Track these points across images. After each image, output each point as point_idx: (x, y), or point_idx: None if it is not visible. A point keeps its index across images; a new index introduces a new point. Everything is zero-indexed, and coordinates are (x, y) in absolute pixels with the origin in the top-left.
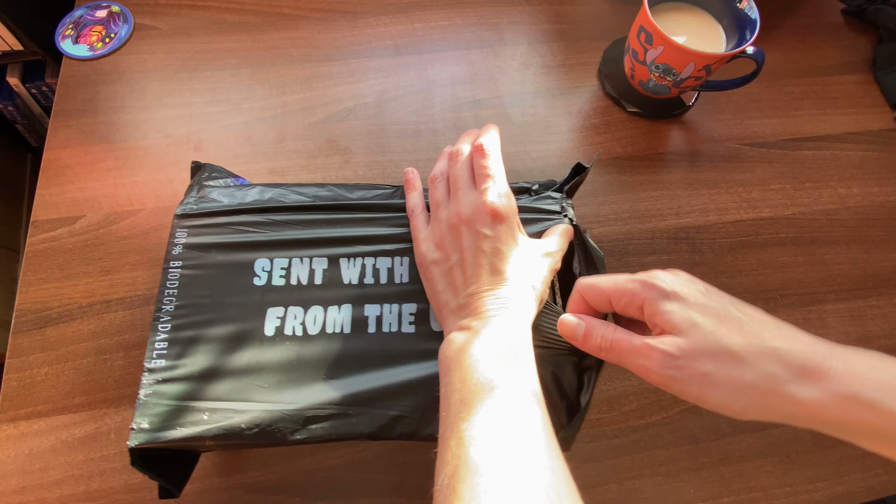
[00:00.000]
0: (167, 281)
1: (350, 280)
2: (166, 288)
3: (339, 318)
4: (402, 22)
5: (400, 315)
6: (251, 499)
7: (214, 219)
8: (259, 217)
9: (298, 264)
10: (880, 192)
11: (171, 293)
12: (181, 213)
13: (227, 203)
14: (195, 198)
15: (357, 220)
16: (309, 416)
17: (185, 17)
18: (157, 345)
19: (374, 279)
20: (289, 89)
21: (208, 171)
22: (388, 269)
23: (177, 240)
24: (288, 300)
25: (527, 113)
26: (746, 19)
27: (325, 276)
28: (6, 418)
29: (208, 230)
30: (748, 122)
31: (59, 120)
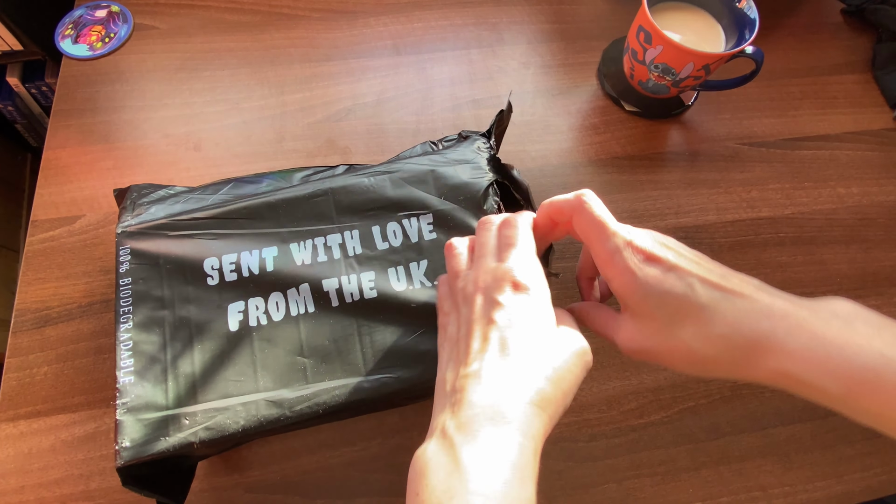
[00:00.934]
0: (121, 300)
1: (303, 261)
2: (121, 306)
3: (299, 299)
4: (402, 22)
5: (360, 284)
6: (251, 498)
7: (156, 231)
8: (200, 220)
9: (248, 256)
10: (879, 191)
11: (127, 310)
12: (122, 232)
13: (164, 214)
14: (130, 216)
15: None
16: (292, 398)
17: (185, 17)
18: (124, 363)
19: (328, 256)
20: (288, 89)
21: (136, 191)
22: (340, 244)
23: (122, 258)
24: (245, 293)
25: (526, 112)
26: (746, 19)
27: (276, 263)
28: (6, 418)
29: (151, 243)
30: (747, 122)
31: (59, 120)
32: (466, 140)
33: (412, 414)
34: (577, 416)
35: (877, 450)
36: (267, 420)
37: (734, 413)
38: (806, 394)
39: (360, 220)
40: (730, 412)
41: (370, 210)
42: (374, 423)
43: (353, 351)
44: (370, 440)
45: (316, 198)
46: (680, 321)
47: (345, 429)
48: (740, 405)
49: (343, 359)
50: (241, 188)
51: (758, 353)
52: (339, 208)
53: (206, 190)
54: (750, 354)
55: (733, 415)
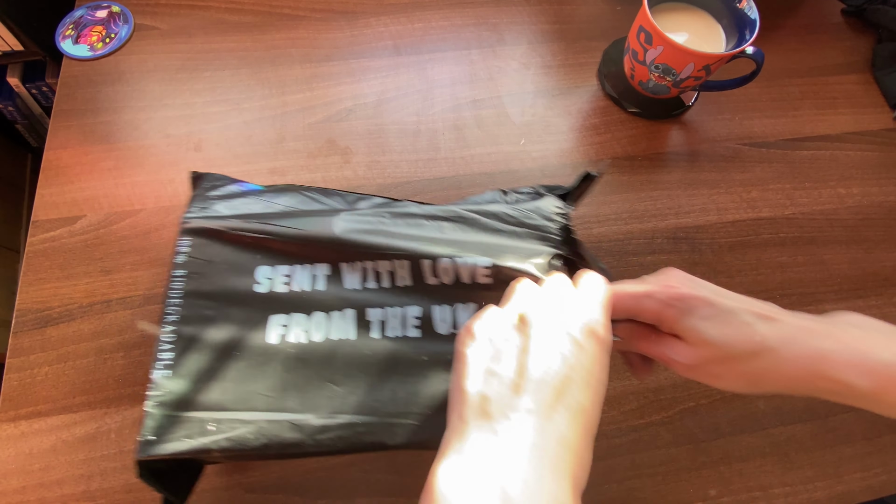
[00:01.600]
0: (171, 290)
1: (352, 285)
2: (170, 298)
3: (342, 323)
4: (402, 22)
5: (404, 319)
6: (251, 498)
7: (218, 229)
8: (262, 226)
9: (300, 272)
10: (880, 191)
11: (177, 303)
12: (185, 223)
13: (229, 213)
14: (198, 207)
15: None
16: (316, 426)
17: (185, 17)
18: (163, 355)
19: (377, 284)
20: (289, 89)
21: (209, 181)
22: (389, 272)
23: (181, 249)
24: (290, 307)
25: (527, 113)
26: (746, 19)
27: (327, 282)
28: (6, 418)
29: (211, 240)
30: (748, 122)
31: (60, 120)
32: (541, 199)
33: None
34: None
35: (877, 450)
36: (287, 443)
37: (734, 413)
38: (839, 393)
39: (413, 252)
40: (730, 412)
41: (425, 243)
42: None
43: (386, 388)
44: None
45: (376, 228)
46: (745, 353)
47: None
48: (740, 405)
49: (374, 395)
50: (309, 203)
51: (815, 365)
52: (396, 237)
53: (276, 195)
54: (810, 369)
55: (733, 415)
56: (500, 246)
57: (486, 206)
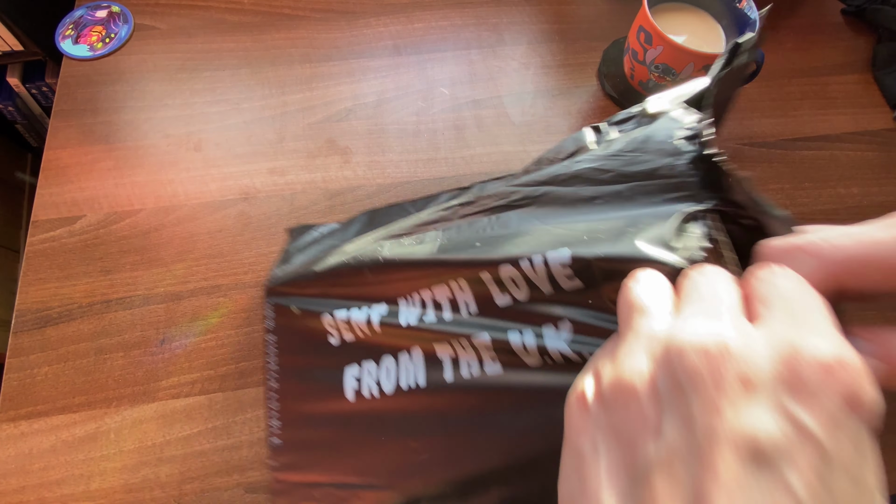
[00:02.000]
0: (268, 357)
1: (410, 320)
2: (268, 365)
3: (410, 367)
4: (402, 22)
5: (478, 354)
6: (251, 499)
7: (292, 286)
8: (314, 272)
9: (357, 313)
10: (880, 192)
11: (274, 369)
12: (267, 287)
13: (301, 262)
14: (280, 265)
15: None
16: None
17: (185, 17)
18: (272, 424)
19: (436, 316)
20: (288, 89)
21: (295, 234)
22: (449, 298)
23: (267, 313)
24: (359, 355)
25: (527, 113)
26: (746, 19)
27: (386, 320)
28: (6, 418)
29: (289, 299)
30: (748, 122)
31: (59, 120)
32: (653, 121)
33: None
34: None
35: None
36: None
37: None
38: None
39: (466, 263)
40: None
41: (484, 247)
42: None
43: (470, 453)
44: None
45: (422, 245)
46: None
47: None
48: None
49: (458, 462)
50: (373, 225)
51: None
52: (448, 247)
53: (348, 226)
54: None
55: None
56: (598, 222)
57: (564, 167)
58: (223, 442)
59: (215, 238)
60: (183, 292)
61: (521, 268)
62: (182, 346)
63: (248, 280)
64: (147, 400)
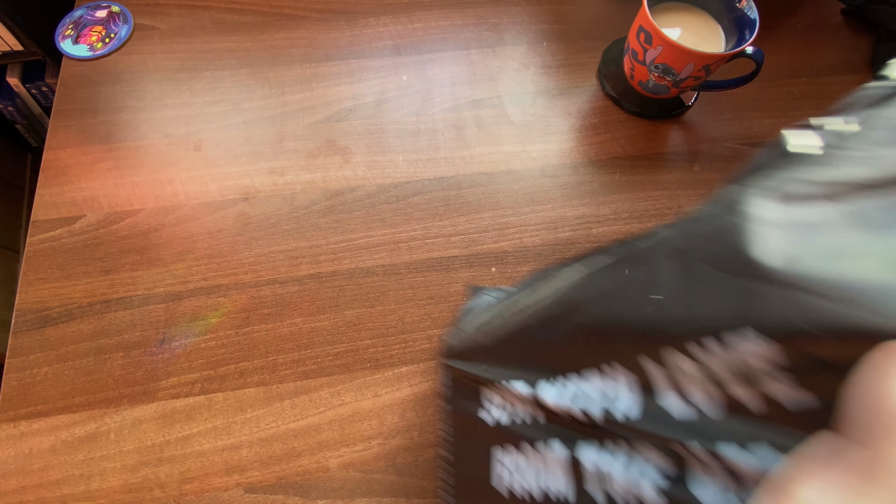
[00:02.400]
0: (440, 422)
1: (533, 420)
2: (441, 430)
3: (552, 467)
4: (402, 22)
5: (636, 484)
6: (251, 499)
7: (460, 355)
8: (473, 338)
9: (546, 387)
10: None
11: (449, 439)
12: (442, 357)
13: (477, 333)
14: (454, 333)
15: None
16: None
17: (185, 17)
18: (445, 495)
19: (583, 412)
20: (289, 89)
21: (472, 294)
22: (605, 396)
23: (443, 378)
24: (503, 438)
25: (527, 113)
26: (746, 19)
27: (577, 402)
28: (6, 418)
29: (466, 364)
30: (748, 122)
31: (59, 120)
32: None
33: (412, 414)
34: None
35: None
36: None
37: None
38: None
39: (628, 355)
40: None
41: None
42: (375, 423)
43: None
44: (370, 440)
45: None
46: None
47: (345, 429)
48: None
49: None
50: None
51: None
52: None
53: (518, 292)
54: None
55: None
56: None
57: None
58: (223, 442)
59: (215, 238)
60: (183, 292)
61: (696, 358)
62: (182, 346)
63: (248, 280)
64: (147, 400)
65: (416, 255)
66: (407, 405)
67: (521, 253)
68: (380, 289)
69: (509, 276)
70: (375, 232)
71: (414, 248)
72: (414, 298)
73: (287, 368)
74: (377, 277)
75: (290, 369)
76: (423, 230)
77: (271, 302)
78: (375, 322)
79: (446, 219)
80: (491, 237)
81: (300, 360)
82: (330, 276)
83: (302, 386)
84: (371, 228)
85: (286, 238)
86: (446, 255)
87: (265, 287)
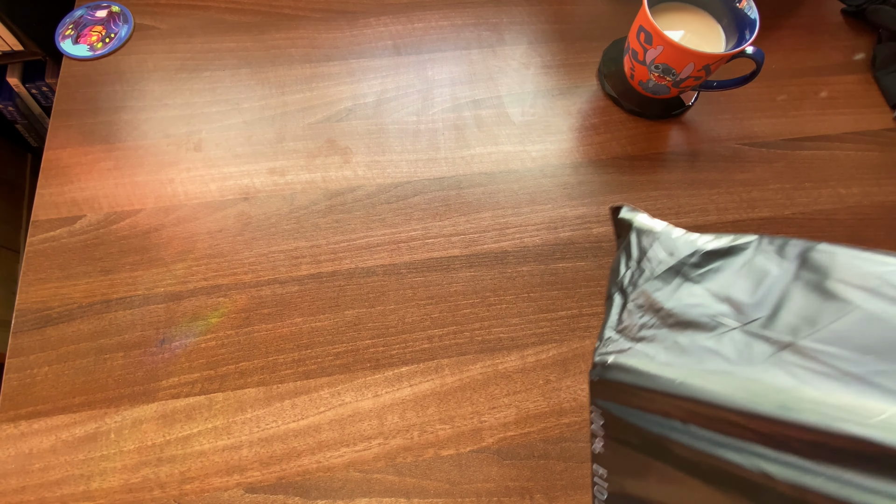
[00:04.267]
0: (594, 462)
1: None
2: (595, 471)
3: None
4: (402, 22)
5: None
6: (251, 499)
7: (639, 394)
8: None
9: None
10: (880, 191)
11: (603, 485)
12: (595, 378)
13: (647, 383)
14: (613, 335)
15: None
16: None
17: (185, 17)
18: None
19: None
20: (289, 89)
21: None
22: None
23: (593, 414)
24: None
25: (527, 113)
26: (746, 19)
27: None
28: (6, 418)
29: (629, 411)
30: (748, 122)
31: (59, 120)
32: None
33: (412, 414)
34: (577, 417)
35: None
36: None
37: None
38: None
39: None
40: None
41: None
42: (375, 423)
43: None
44: (370, 440)
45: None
46: None
47: (345, 429)
48: None
49: None
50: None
51: None
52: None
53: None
54: None
55: None
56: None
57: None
58: (223, 442)
59: (215, 238)
60: (183, 292)
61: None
62: (182, 346)
63: (249, 280)
64: (147, 400)
65: (416, 255)
66: (407, 405)
67: (522, 253)
68: (380, 289)
69: (509, 276)
70: (375, 232)
71: (414, 248)
72: (414, 298)
73: (287, 368)
74: (377, 277)
75: (290, 369)
76: (423, 230)
77: (271, 302)
78: (375, 322)
79: (446, 219)
80: (491, 237)
81: (300, 360)
82: (330, 276)
83: (302, 386)
84: (371, 228)
85: (286, 238)
86: (446, 255)
87: (265, 287)
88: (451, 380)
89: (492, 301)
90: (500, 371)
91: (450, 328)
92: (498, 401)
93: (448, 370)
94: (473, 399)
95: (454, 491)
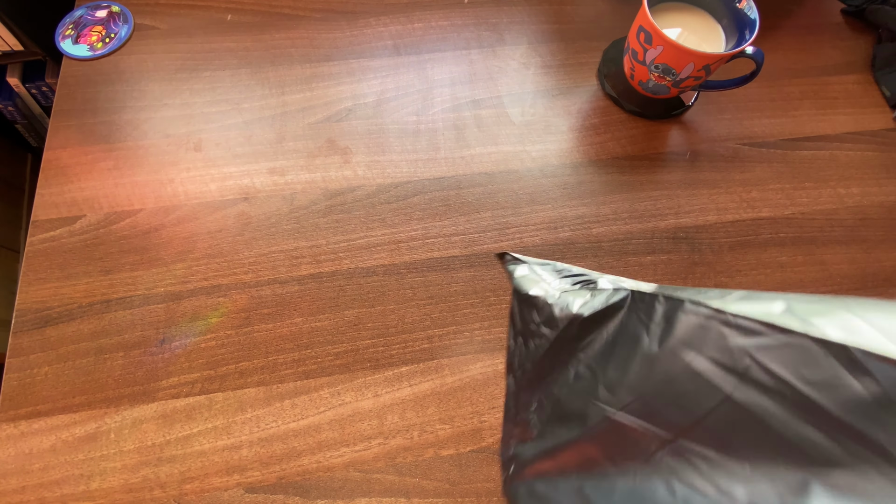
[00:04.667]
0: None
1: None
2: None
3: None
4: (402, 22)
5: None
6: (251, 499)
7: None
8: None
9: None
10: (879, 191)
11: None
12: (509, 473)
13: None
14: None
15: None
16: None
17: (185, 17)
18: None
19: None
20: (289, 89)
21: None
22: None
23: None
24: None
25: (527, 113)
26: (746, 19)
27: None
28: (6, 418)
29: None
30: (748, 122)
31: (59, 120)
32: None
33: (412, 414)
34: None
35: None
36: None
37: None
38: None
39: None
40: None
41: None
42: (375, 422)
43: None
44: (370, 440)
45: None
46: None
47: (345, 429)
48: None
49: None
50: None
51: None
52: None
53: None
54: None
55: None
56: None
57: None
58: (223, 442)
59: (215, 238)
60: (183, 292)
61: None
62: (182, 346)
63: (249, 280)
64: (147, 400)
65: (416, 255)
66: (407, 405)
67: (522, 253)
68: (380, 289)
69: None
70: (375, 232)
71: (414, 248)
72: (414, 298)
73: (287, 368)
74: (377, 277)
75: (290, 369)
76: (423, 230)
77: (271, 302)
78: (375, 322)
79: (446, 219)
80: (491, 237)
81: (300, 359)
82: (330, 276)
83: (302, 386)
84: (371, 228)
85: (286, 238)
86: (446, 255)
87: (265, 287)
88: (451, 380)
89: (492, 301)
90: (500, 371)
91: (450, 328)
92: (498, 401)
93: (448, 370)
94: (473, 399)
95: (454, 491)
